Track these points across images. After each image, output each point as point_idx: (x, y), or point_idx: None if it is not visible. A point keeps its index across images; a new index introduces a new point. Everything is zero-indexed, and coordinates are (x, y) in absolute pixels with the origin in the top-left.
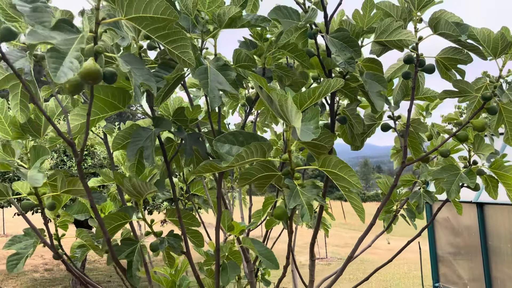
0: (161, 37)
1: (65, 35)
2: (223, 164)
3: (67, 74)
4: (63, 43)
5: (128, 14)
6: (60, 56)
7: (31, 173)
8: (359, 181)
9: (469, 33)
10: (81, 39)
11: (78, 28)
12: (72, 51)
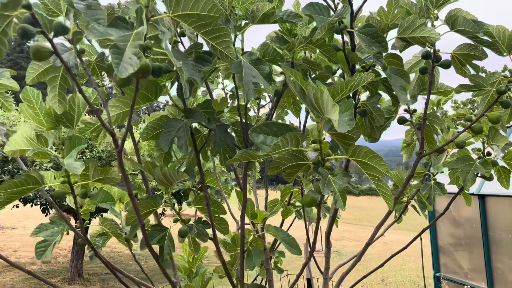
0: (206, 33)
1: (120, 32)
2: (260, 153)
3: (127, 69)
4: (120, 40)
5: (176, 12)
6: (120, 52)
7: (68, 161)
8: (389, 170)
9: (485, 30)
10: (136, 36)
11: (132, 25)
12: (130, 47)
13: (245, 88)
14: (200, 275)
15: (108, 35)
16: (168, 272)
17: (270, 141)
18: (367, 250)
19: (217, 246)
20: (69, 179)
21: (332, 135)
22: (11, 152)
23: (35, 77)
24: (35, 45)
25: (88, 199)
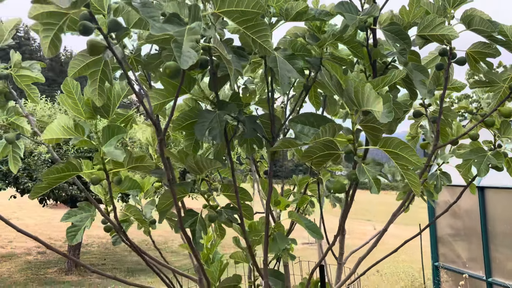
0: (248, 28)
1: (175, 27)
2: (299, 141)
3: (188, 61)
4: (177, 34)
5: (221, 8)
6: (179, 46)
7: (108, 149)
8: (419, 160)
9: (500, 29)
10: (191, 31)
11: (185, 21)
12: (186, 41)
13: (281, 82)
14: (218, 260)
15: (166, 30)
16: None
17: (307, 130)
18: (359, 242)
19: (244, 230)
20: (104, 167)
21: (363, 127)
22: (48, 140)
23: (76, 72)
24: (91, 40)
25: (114, 187)
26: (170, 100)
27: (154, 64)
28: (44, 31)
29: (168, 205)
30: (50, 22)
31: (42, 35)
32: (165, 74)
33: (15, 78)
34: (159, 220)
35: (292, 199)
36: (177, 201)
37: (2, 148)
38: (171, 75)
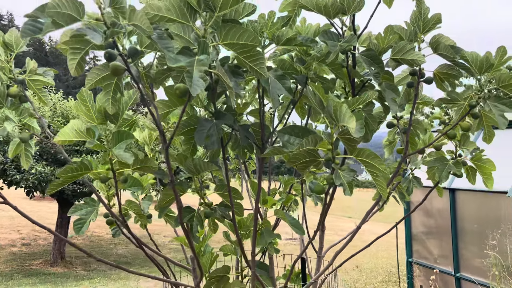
0: (246, 57)
1: (187, 58)
2: (286, 149)
3: (197, 89)
4: (188, 65)
5: (225, 40)
6: (190, 75)
7: (118, 152)
8: (386, 169)
9: (461, 54)
10: (200, 62)
11: (194, 52)
12: (196, 71)
13: (272, 98)
14: (209, 253)
15: (179, 61)
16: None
17: (293, 140)
18: (337, 238)
19: (235, 226)
20: (112, 167)
21: (341, 138)
22: (60, 142)
23: (93, 83)
24: (114, 64)
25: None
26: (173, 110)
27: (160, 78)
28: (71, 53)
29: (168, 202)
30: (77, 47)
31: (70, 57)
32: (173, 91)
33: (28, 83)
34: (159, 215)
35: (278, 198)
36: (174, 200)
37: (15, 146)
38: (180, 95)
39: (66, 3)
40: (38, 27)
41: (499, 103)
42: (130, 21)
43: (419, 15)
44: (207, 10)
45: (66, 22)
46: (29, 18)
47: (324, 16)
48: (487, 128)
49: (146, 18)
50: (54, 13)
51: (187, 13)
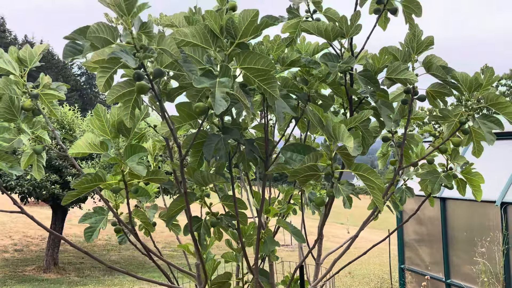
0: (261, 80)
1: (209, 80)
2: (289, 166)
3: (220, 109)
4: (211, 86)
5: (242, 65)
6: (213, 95)
7: (132, 164)
8: (382, 183)
9: (452, 75)
10: (221, 84)
11: (215, 74)
12: (218, 92)
13: (278, 116)
14: (211, 260)
15: (203, 83)
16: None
17: (295, 157)
18: (331, 245)
19: (240, 234)
20: (124, 178)
21: (340, 153)
22: (74, 154)
23: (114, 99)
24: (140, 83)
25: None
26: (184, 125)
27: (174, 95)
28: (101, 72)
29: (177, 211)
30: (107, 67)
31: (99, 75)
32: (184, 107)
33: (41, 96)
34: (167, 224)
35: (277, 206)
36: (184, 208)
37: (28, 157)
38: (199, 114)
39: (103, 28)
40: (78, 49)
41: (487, 120)
42: (159, 45)
43: (413, 37)
44: (228, 37)
45: (102, 45)
46: (69, 41)
47: (325, 39)
48: (476, 143)
49: (175, 44)
50: (94, 37)
51: (210, 39)
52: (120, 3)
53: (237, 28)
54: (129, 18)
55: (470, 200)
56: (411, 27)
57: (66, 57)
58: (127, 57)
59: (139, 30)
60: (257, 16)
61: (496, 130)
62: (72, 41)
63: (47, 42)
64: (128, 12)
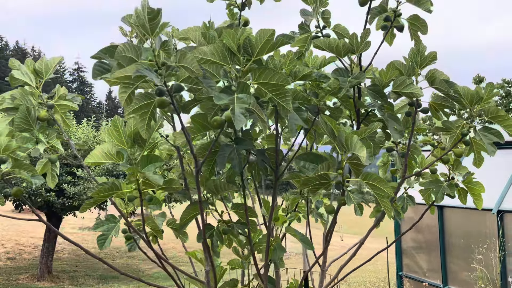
0: (275, 95)
1: (228, 96)
2: (303, 174)
3: (239, 124)
4: (230, 102)
5: (258, 80)
6: (233, 111)
7: (148, 174)
8: (392, 191)
9: (454, 89)
10: (240, 100)
11: (233, 90)
12: (237, 108)
13: (290, 128)
14: (218, 266)
15: (222, 99)
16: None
17: (308, 165)
18: (328, 253)
19: (251, 242)
20: (139, 187)
21: (350, 163)
22: (90, 163)
23: (131, 111)
24: (161, 99)
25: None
26: (200, 135)
27: (188, 107)
28: (123, 87)
29: (189, 219)
30: (129, 83)
31: (122, 90)
32: (198, 119)
33: (55, 107)
34: (179, 231)
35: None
36: (195, 217)
37: (42, 166)
38: (216, 127)
39: (129, 48)
40: (106, 68)
41: (488, 132)
42: (180, 62)
43: (417, 52)
44: (245, 54)
45: (127, 63)
46: (97, 60)
47: (336, 55)
48: (477, 154)
49: (196, 61)
50: (121, 57)
51: (227, 56)
52: (145, 23)
53: (254, 46)
54: (152, 37)
55: (467, 208)
56: (417, 43)
57: (95, 76)
58: (151, 74)
59: (160, 48)
60: (273, 36)
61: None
62: (99, 60)
63: (38, 48)
64: (151, 32)
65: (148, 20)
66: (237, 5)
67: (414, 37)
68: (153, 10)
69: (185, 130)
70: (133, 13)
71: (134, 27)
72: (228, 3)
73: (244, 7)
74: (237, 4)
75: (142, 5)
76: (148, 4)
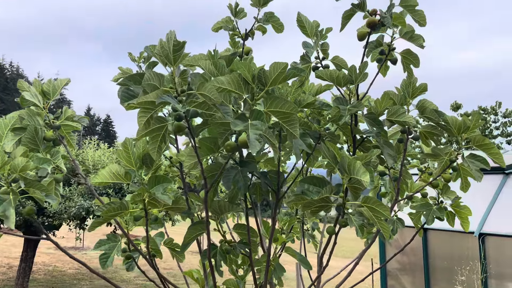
0: (285, 122)
1: (243, 123)
2: (307, 197)
3: (254, 150)
4: (245, 128)
5: (269, 108)
6: (248, 137)
7: (157, 194)
8: (390, 214)
9: (444, 118)
10: (254, 127)
11: (247, 117)
12: (252, 134)
13: (295, 152)
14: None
15: (238, 125)
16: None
17: (312, 188)
18: (313, 274)
19: (251, 261)
20: (145, 207)
21: (349, 186)
22: (97, 183)
23: (143, 134)
24: (179, 123)
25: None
26: (205, 157)
27: (200, 130)
28: (142, 112)
29: (192, 239)
30: (148, 107)
31: (141, 114)
32: (206, 142)
33: (61, 128)
34: (181, 250)
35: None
36: (197, 237)
37: (47, 184)
38: (229, 151)
39: (153, 76)
40: (132, 94)
41: (475, 159)
42: (199, 90)
43: (409, 83)
44: (259, 84)
45: (151, 90)
46: (123, 87)
47: (335, 85)
48: (464, 179)
49: (215, 90)
50: (147, 85)
51: (243, 86)
52: (169, 54)
53: (268, 78)
54: (175, 67)
55: (450, 231)
56: (409, 75)
57: (123, 102)
58: (173, 101)
59: (179, 77)
60: (286, 68)
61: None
62: (126, 87)
63: (16, 64)
64: (174, 61)
65: (172, 51)
66: (240, 36)
67: (407, 70)
68: (179, 42)
69: (197, 154)
70: (158, 43)
71: (157, 56)
72: (232, 33)
73: (247, 37)
74: (241, 35)
75: (168, 37)
76: (175, 37)
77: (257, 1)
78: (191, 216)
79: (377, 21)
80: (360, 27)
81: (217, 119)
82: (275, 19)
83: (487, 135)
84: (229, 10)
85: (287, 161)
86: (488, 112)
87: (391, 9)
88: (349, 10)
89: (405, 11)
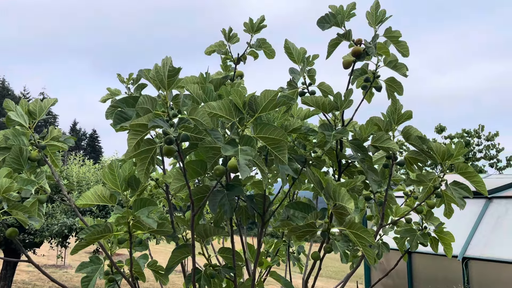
0: (274, 148)
1: (233, 148)
2: (293, 223)
3: (244, 174)
4: (235, 154)
5: (259, 134)
6: (239, 162)
7: (142, 217)
8: (374, 240)
9: (428, 145)
10: (244, 152)
11: (237, 142)
12: (241, 159)
13: (282, 177)
14: None
15: (228, 151)
16: None
17: (297, 214)
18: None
19: (236, 286)
20: (130, 229)
21: (334, 212)
22: (82, 205)
23: (132, 155)
24: (169, 147)
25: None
26: (192, 180)
27: (187, 153)
28: (133, 134)
29: (176, 262)
30: (139, 130)
31: (131, 136)
32: (193, 165)
33: (46, 148)
34: (165, 274)
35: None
36: (182, 260)
37: (30, 205)
38: (219, 175)
39: (147, 99)
40: (125, 117)
41: (458, 187)
42: (190, 115)
43: (394, 110)
44: (249, 111)
45: (143, 113)
46: (116, 109)
47: (321, 111)
48: (447, 206)
49: (206, 115)
50: (140, 108)
51: (233, 112)
52: (163, 79)
53: (259, 104)
54: (168, 92)
55: (434, 255)
56: (393, 102)
57: (116, 124)
58: (165, 125)
59: (171, 101)
60: (276, 96)
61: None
62: (120, 110)
63: (2, 77)
64: (168, 86)
65: (167, 76)
66: (233, 60)
67: (391, 97)
68: (174, 68)
69: (185, 177)
70: (153, 68)
71: (151, 80)
72: (224, 57)
73: (239, 62)
74: (233, 59)
75: (163, 63)
76: (171, 63)
77: (250, 27)
78: (176, 239)
79: (362, 50)
80: (346, 55)
81: (206, 143)
82: (267, 46)
83: (470, 157)
84: (222, 35)
85: (273, 183)
86: (471, 135)
87: (376, 40)
88: (335, 39)
89: (389, 41)
